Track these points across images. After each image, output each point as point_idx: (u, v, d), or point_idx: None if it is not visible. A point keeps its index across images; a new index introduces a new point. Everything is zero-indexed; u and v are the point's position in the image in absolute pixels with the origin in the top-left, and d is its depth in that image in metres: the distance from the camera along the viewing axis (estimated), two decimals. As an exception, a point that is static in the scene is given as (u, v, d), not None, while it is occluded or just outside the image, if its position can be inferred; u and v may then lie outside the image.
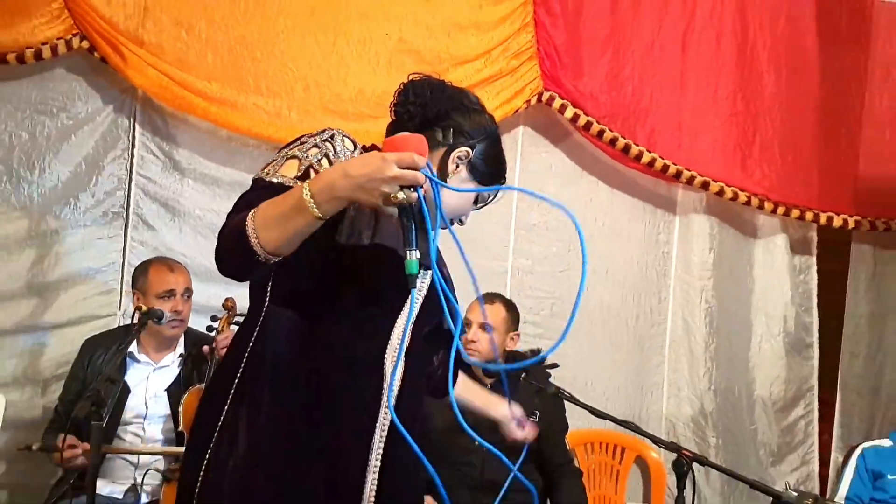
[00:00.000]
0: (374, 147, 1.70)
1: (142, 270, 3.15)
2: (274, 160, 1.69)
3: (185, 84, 3.60)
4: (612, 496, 3.69)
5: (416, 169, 1.48)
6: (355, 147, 1.72)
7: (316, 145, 1.69)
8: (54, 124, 3.67)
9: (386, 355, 1.70)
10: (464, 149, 1.74)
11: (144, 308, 2.87)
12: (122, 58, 3.52)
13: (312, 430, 1.65)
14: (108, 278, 3.66)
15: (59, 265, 3.66)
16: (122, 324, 3.56)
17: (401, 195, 1.48)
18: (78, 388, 3.14)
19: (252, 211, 1.52)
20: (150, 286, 3.02)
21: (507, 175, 2.42)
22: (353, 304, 1.66)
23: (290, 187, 1.59)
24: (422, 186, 1.49)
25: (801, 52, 4.09)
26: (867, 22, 4.12)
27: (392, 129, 1.76)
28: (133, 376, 3.02)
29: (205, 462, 1.66)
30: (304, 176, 1.63)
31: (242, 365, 1.68)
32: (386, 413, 1.67)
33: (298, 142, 1.71)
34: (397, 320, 1.71)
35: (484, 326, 3.25)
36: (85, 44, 3.54)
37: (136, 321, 2.84)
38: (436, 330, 1.77)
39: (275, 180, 1.61)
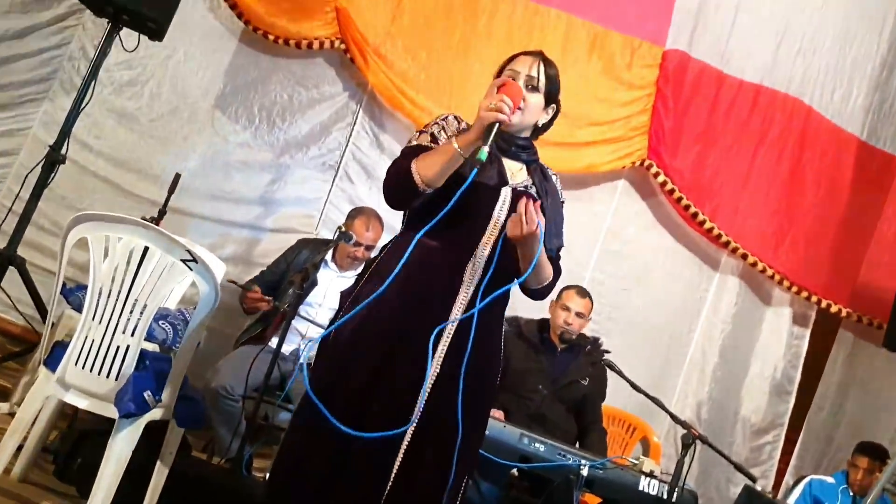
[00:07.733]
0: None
1: (354, 215, 3.72)
2: (413, 136, 2.13)
3: (402, 91, 4.37)
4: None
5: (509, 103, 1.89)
6: (459, 124, 2.10)
7: (436, 123, 2.12)
8: (307, 95, 4.45)
9: (468, 264, 1.96)
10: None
11: (343, 229, 3.32)
12: (365, 62, 4.33)
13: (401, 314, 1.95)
14: (313, 207, 4.40)
15: (284, 189, 4.42)
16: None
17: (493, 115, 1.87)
18: (283, 268, 3.73)
19: (414, 160, 1.92)
20: (353, 230, 3.53)
21: (602, 212, 3.60)
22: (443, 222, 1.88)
23: (428, 147, 2.00)
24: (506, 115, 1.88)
25: (838, 181, 4.68)
26: (890, 174, 4.72)
27: (553, 98, 2.14)
28: (322, 276, 3.57)
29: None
30: (433, 140, 2.05)
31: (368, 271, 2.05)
32: (459, 309, 1.95)
33: (427, 125, 2.14)
34: (482, 240, 1.98)
35: (580, 314, 3.71)
36: (342, 46, 4.32)
37: (335, 237, 3.28)
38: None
39: (414, 143, 2.06)
